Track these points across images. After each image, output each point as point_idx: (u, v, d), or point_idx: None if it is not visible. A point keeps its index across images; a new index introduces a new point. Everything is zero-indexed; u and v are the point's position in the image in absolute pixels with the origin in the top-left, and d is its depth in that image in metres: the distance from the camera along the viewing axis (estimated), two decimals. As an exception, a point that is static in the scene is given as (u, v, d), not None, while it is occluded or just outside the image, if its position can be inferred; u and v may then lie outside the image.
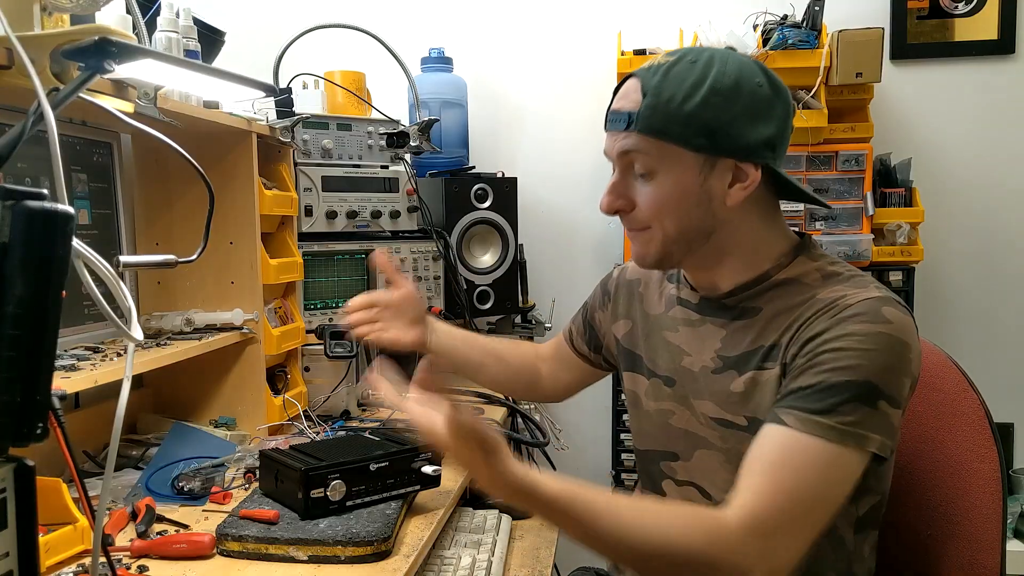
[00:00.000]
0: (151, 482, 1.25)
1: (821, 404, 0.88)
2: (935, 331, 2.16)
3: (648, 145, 0.96)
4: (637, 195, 1.01)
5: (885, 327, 0.90)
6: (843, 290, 0.96)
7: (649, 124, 0.95)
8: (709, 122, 0.94)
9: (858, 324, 0.90)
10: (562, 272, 2.29)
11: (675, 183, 0.98)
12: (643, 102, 0.96)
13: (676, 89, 0.95)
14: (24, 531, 0.57)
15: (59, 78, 0.86)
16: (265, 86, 1.22)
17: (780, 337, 0.97)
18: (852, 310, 0.92)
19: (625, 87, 1.01)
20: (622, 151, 0.99)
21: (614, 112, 1.01)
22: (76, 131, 1.33)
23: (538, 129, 2.32)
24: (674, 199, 0.98)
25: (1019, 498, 2.02)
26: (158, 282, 1.52)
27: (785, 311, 0.99)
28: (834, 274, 1.00)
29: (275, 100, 1.52)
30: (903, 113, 2.19)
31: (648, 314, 1.18)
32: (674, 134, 0.95)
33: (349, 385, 1.72)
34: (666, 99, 0.95)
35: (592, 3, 2.27)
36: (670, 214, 0.99)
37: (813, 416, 0.87)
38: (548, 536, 1.41)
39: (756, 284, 1.03)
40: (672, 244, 1.01)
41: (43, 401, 0.55)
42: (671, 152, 0.96)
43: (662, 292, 1.17)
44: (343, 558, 1.01)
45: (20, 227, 0.53)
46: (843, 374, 0.88)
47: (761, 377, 0.98)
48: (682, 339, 1.10)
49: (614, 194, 1.02)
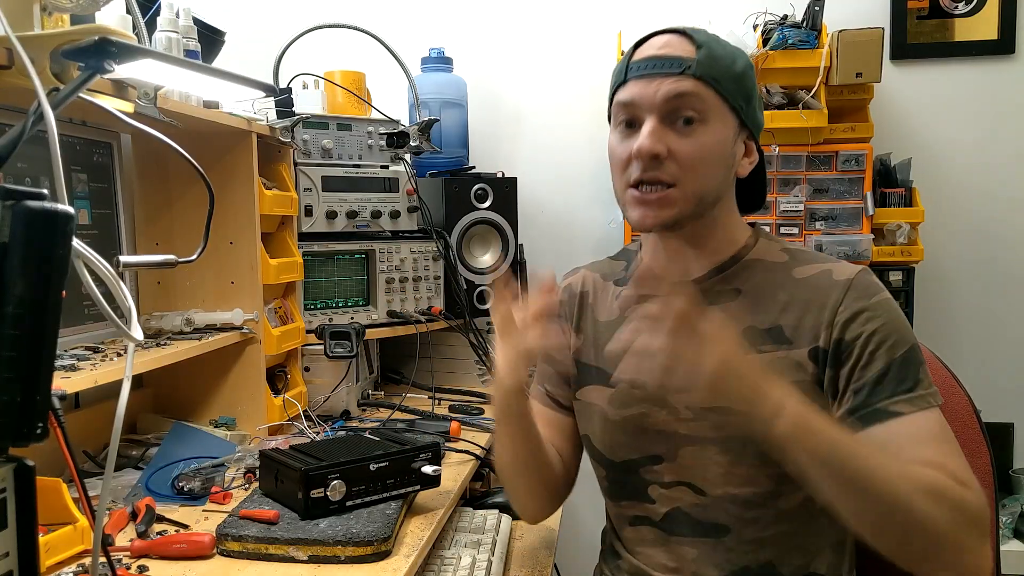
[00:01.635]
0: (151, 482, 1.25)
1: (910, 381, 0.94)
2: (935, 331, 2.16)
3: (704, 91, 0.98)
4: (675, 144, 0.99)
5: (886, 294, 0.99)
6: (821, 265, 1.02)
7: (710, 71, 0.98)
8: (748, 89, 1.01)
9: (875, 297, 0.98)
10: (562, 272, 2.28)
11: (718, 135, 1.00)
12: (699, 51, 0.98)
13: (724, 51, 1.00)
14: (24, 531, 0.57)
15: (59, 78, 0.86)
16: (265, 86, 1.22)
17: (779, 319, 0.99)
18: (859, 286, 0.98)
19: (664, 39, 1.02)
20: (676, 93, 0.97)
21: (660, 57, 0.99)
22: (76, 131, 1.33)
23: (538, 129, 2.32)
24: (712, 152, 0.99)
25: (1019, 498, 2.02)
26: (158, 282, 1.52)
27: (766, 290, 1.02)
28: (797, 251, 1.07)
29: (275, 100, 1.52)
30: (903, 113, 2.19)
31: (600, 321, 1.15)
32: (727, 88, 0.99)
33: (349, 385, 1.72)
34: (719, 55, 0.99)
35: (592, 4, 2.27)
36: (704, 168, 0.99)
37: (913, 393, 0.93)
38: (548, 536, 1.41)
39: (729, 266, 1.05)
40: (691, 206, 1.00)
41: (43, 401, 0.55)
42: (721, 105, 0.99)
43: (612, 296, 1.15)
44: (343, 558, 1.01)
45: (20, 227, 0.53)
46: (900, 347, 0.95)
47: (762, 359, 0.98)
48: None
49: (655, 137, 0.98)
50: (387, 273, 1.83)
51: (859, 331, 0.95)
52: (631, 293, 1.11)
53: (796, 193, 1.97)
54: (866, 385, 0.95)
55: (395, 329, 1.83)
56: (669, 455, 1.05)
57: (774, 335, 0.99)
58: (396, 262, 1.84)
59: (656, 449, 1.06)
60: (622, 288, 1.14)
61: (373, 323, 1.81)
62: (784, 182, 1.97)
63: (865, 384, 0.95)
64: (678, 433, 1.04)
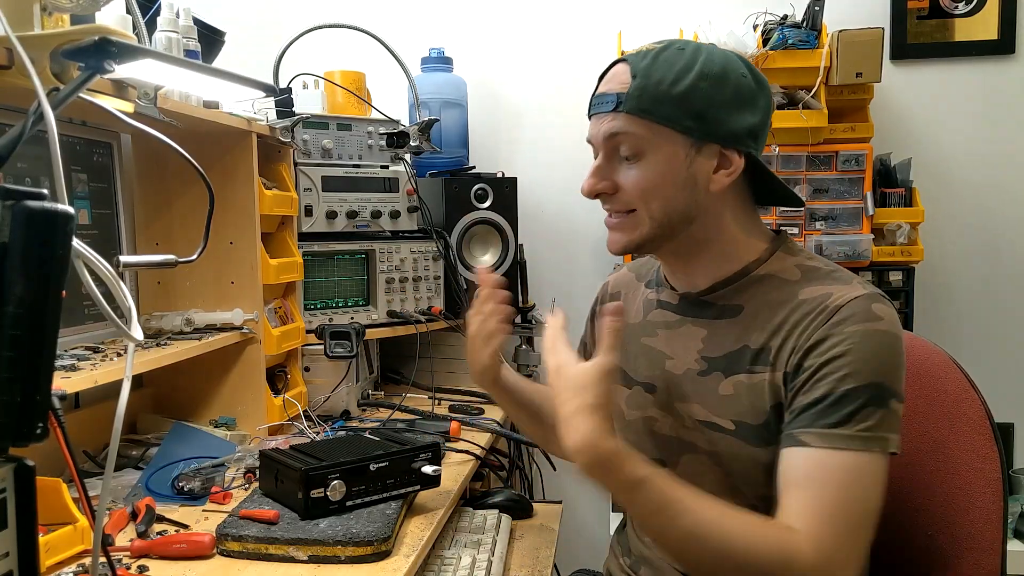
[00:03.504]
0: (151, 482, 1.25)
1: (838, 416, 0.88)
2: (935, 331, 2.16)
3: (636, 126, 0.97)
4: (621, 178, 1.00)
5: (879, 324, 0.91)
6: (827, 288, 0.96)
7: (638, 104, 0.96)
8: (698, 105, 0.96)
9: (854, 326, 0.91)
10: (562, 272, 2.29)
11: (662, 165, 0.98)
12: (632, 83, 0.96)
13: (666, 72, 0.96)
14: (24, 531, 0.57)
15: (59, 78, 0.86)
16: (265, 86, 1.22)
17: (769, 340, 0.97)
18: (845, 312, 0.92)
19: (612, 72, 1.01)
20: (609, 133, 0.98)
21: (601, 95, 1.00)
22: (76, 131, 1.33)
23: (538, 129, 2.32)
24: (660, 181, 0.98)
25: (1019, 498, 2.02)
26: (158, 282, 1.52)
27: (767, 308, 0.99)
28: (813, 269, 1.01)
29: (275, 100, 1.52)
30: (903, 113, 2.19)
31: (628, 323, 1.16)
32: (663, 115, 0.96)
33: (349, 385, 1.72)
34: (656, 81, 0.96)
35: (592, 3, 2.27)
36: (656, 196, 0.98)
37: (834, 430, 0.88)
38: (548, 536, 1.41)
39: (735, 280, 1.03)
40: (656, 227, 1.00)
41: (43, 401, 0.55)
42: (659, 133, 0.96)
43: (641, 298, 1.16)
44: (343, 558, 1.01)
45: (20, 227, 0.53)
46: (851, 380, 0.89)
47: (749, 381, 0.97)
48: (662, 343, 1.08)
49: (597, 176, 1.01)
50: (387, 273, 1.83)
51: (817, 359, 0.91)
52: (653, 297, 1.13)
53: (796, 193, 1.96)
54: (795, 410, 0.92)
55: (395, 329, 1.83)
56: (671, 461, 1.05)
57: (763, 357, 0.97)
58: (396, 262, 1.84)
59: (662, 453, 1.06)
60: (650, 290, 1.15)
61: (373, 323, 1.81)
62: (784, 182, 1.97)
63: (795, 409, 0.92)
64: (681, 440, 1.04)
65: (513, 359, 2.09)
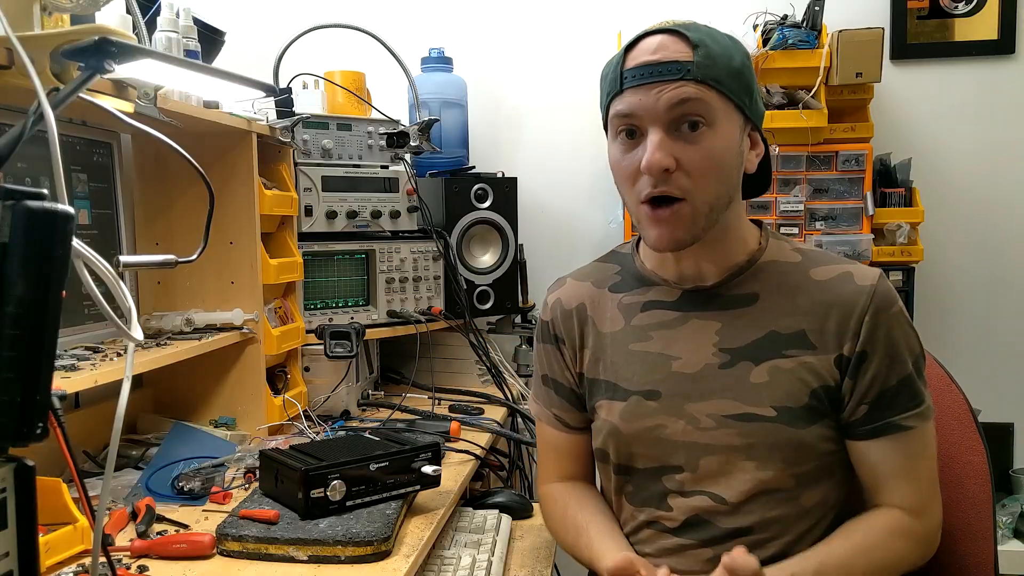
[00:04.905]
0: (151, 482, 1.25)
1: (917, 396, 0.99)
2: (935, 331, 2.16)
3: (707, 94, 0.94)
4: (682, 153, 0.94)
5: (901, 302, 1.01)
6: (840, 267, 1.02)
7: (710, 73, 0.93)
8: (748, 83, 0.98)
9: (895, 307, 0.99)
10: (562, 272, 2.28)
11: (727, 138, 0.96)
12: (697, 52, 0.93)
13: (720, 45, 0.96)
14: (24, 531, 0.57)
15: (59, 78, 0.86)
16: (265, 86, 1.22)
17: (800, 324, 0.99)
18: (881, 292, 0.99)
19: (659, 41, 0.95)
20: (679, 100, 0.93)
21: (658, 63, 0.94)
22: (76, 131, 1.33)
23: (538, 129, 2.32)
24: (724, 156, 0.96)
25: (1019, 498, 2.02)
26: (158, 282, 1.52)
27: (784, 292, 1.01)
28: (805, 250, 1.06)
29: (275, 100, 1.52)
30: (903, 113, 2.19)
31: (603, 333, 1.10)
32: (729, 87, 0.95)
33: (349, 385, 1.72)
34: (717, 53, 0.95)
35: (592, 3, 2.27)
36: (716, 174, 0.95)
37: (918, 409, 0.99)
38: (548, 536, 1.41)
39: (745, 269, 1.03)
40: (706, 218, 0.97)
41: (43, 401, 0.55)
42: (725, 106, 0.95)
43: (613, 305, 1.10)
44: (343, 558, 1.01)
45: (20, 227, 0.53)
46: (912, 360, 0.99)
47: (785, 365, 0.98)
48: (661, 345, 1.04)
49: (663, 150, 0.93)
50: (387, 273, 1.83)
51: (880, 343, 0.98)
52: (634, 300, 1.08)
53: (796, 193, 1.97)
54: (883, 397, 0.98)
55: (395, 329, 1.83)
56: (690, 466, 1.02)
57: (798, 340, 0.98)
58: (396, 262, 1.84)
59: (676, 459, 1.03)
60: (622, 295, 1.10)
61: (373, 323, 1.81)
62: (784, 182, 1.97)
63: (882, 396, 0.98)
64: (698, 443, 1.01)
65: (513, 359, 2.09)
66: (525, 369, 2.08)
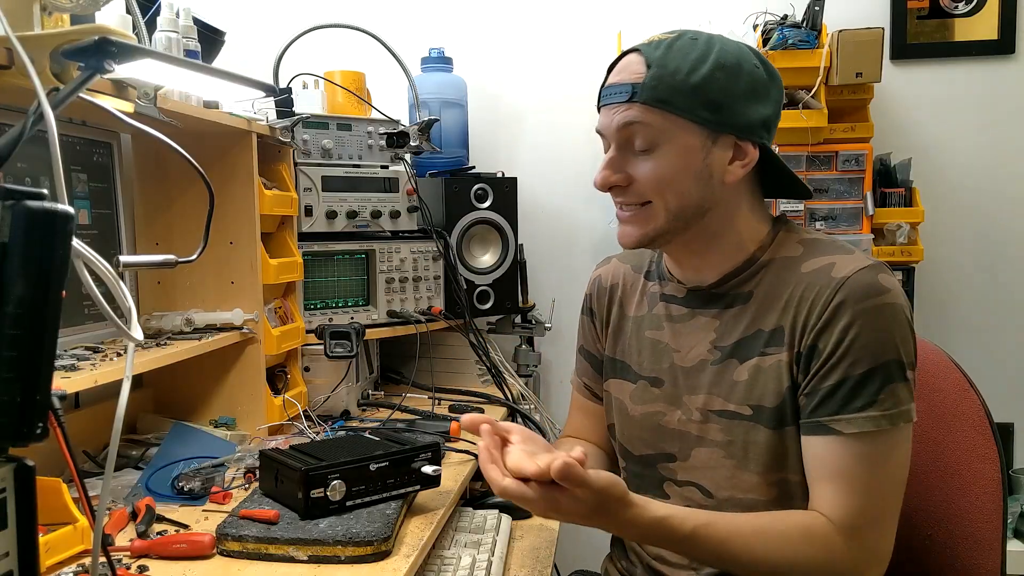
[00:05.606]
0: (151, 482, 1.25)
1: (864, 398, 0.90)
2: (935, 331, 2.16)
3: (652, 117, 0.96)
4: (635, 170, 0.99)
5: (887, 297, 0.92)
6: (830, 257, 0.98)
7: (655, 94, 0.95)
8: (714, 96, 0.96)
9: (864, 302, 0.92)
10: (562, 272, 2.29)
11: (678, 156, 0.97)
12: (647, 73, 0.95)
13: (681, 62, 0.96)
14: (24, 531, 0.57)
15: (59, 78, 0.86)
16: (265, 86, 1.22)
17: (780, 319, 0.98)
18: (852, 286, 0.92)
19: (624, 61, 1.00)
20: (624, 123, 0.97)
21: (613, 86, 0.99)
22: (76, 131, 1.33)
23: (538, 129, 2.32)
24: (676, 172, 0.97)
25: (1019, 498, 2.02)
26: (158, 282, 1.52)
27: (775, 289, 1.00)
28: (814, 240, 1.03)
29: (275, 100, 1.52)
30: (903, 113, 2.19)
31: (628, 316, 1.15)
32: (680, 105, 0.95)
33: (349, 385, 1.72)
34: (671, 71, 0.95)
35: (592, 3, 2.27)
36: (671, 188, 0.98)
37: (862, 413, 0.90)
38: (548, 536, 1.41)
39: (743, 270, 1.03)
40: (671, 220, 0.99)
41: (43, 401, 0.55)
42: (675, 124, 0.96)
43: (644, 291, 1.15)
44: (343, 558, 1.01)
45: (20, 227, 0.53)
46: (871, 360, 0.91)
47: (764, 364, 0.98)
48: (668, 336, 1.08)
49: (611, 168, 1.00)
50: (387, 273, 1.83)
51: (830, 339, 0.93)
52: (656, 290, 1.12)
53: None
54: (817, 394, 0.93)
55: (395, 329, 1.83)
56: (682, 455, 1.05)
57: (778, 337, 0.98)
58: (396, 262, 1.84)
59: (670, 448, 1.07)
60: (651, 283, 1.15)
61: (373, 323, 1.81)
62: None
63: (816, 393, 0.93)
64: (691, 434, 1.04)
65: (513, 359, 2.09)
66: (525, 369, 2.08)
